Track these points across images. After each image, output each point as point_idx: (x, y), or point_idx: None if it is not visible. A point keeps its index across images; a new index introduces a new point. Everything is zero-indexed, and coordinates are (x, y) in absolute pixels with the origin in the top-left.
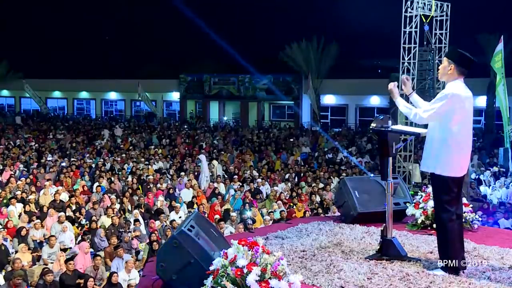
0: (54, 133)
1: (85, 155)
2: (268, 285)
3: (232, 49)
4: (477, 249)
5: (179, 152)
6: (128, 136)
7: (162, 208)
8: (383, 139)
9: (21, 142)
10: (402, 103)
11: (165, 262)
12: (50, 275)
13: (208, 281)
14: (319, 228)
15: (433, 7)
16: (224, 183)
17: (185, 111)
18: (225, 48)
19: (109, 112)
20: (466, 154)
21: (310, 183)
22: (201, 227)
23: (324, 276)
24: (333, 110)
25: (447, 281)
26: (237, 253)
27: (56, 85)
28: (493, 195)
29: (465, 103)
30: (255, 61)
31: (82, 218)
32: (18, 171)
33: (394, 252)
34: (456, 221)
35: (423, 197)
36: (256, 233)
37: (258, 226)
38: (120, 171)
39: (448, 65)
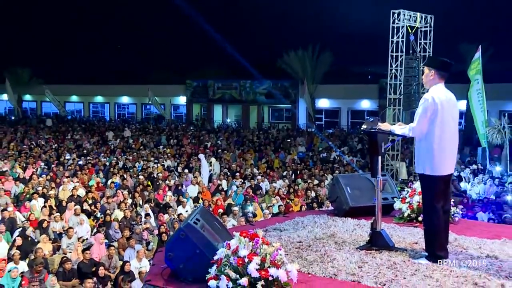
0: (71, 134)
1: (100, 154)
2: (267, 273)
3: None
4: (458, 239)
5: (186, 152)
6: (139, 137)
7: (170, 202)
8: (373, 140)
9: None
10: (397, 128)
11: (173, 252)
12: (69, 263)
13: (213, 269)
14: (314, 221)
15: (418, 19)
16: (227, 180)
17: (191, 114)
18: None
19: (121, 114)
20: (451, 154)
21: (306, 180)
22: (206, 220)
23: (318, 265)
24: (327, 113)
25: (431, 269)
26: (239, 244)
27: (73, 90)
28: (472, 190)
29: (444, 105)
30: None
31: (97, 211)
32: (39, 168)
33: (382, 243)
34: (442, 216)
35: (409, 193)
36: (256, 226)
37: (258, 219)
38: (131, 169)
39: (429, 72)
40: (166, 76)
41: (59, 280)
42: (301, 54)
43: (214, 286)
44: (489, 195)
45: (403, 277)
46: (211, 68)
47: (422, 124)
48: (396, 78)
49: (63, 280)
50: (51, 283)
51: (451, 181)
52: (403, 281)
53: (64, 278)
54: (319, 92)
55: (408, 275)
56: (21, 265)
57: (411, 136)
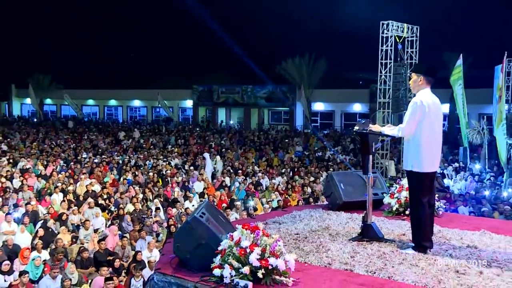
0: (88, 134)
1: (113, 153)
2: (267, 263)
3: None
4: (441, 231)
5: (192, 151)
6: (149, 137)
7: (178, 197)
8: (364, 140)
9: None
10: (387, 129)
11: (181, 243)
12: (86, 253)
13: (217, 259)
14: (310, 215)
15: (405, 30)
16: (230, 177)
17: (197, 116)
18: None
19: (133, 117)
20: (436, 153)
21: (302, 176)
22: (211, 214)
23: (314, 255)
24: (322, 115)
25: (417, 258)
26: (241, 235)
27: (89, 94)
28: (454, 186)
29: (431, 108)
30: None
31: (111, 205)
32: (59, 166)
33: (373, 234)
34: (428, 209)
35: (397, 189)
36: (257, 219)
37: (259, 213)
38: (142, 167)
39: (418, 78)
40: (174, 82)
41: (77, 268)
42: (298, 61)
43: (219, 274)
44: (469, 190)
45: (391, 266)
46: (216, 74)
47: (411, 125)
48: (385, 83)
49: (81, 268)
50: (70, 271)
51: (435, 178)
52: (391, 269)
53: (81, 266)
54: (315, 96)
55: (396, 264)
56: (43, 254)
57: (400, 136)
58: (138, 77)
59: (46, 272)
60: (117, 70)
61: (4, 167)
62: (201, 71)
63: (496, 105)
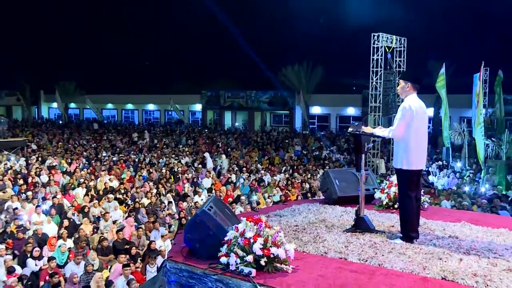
0: (107, 135)
1: (130, 152)
2: (269, 252)
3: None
4: (427, 223)
5: (201, 150)
6: (162, 138)
7: (188, 192)
8: (357, 140)
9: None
10: (378, 130)
11: (191, 234)
12: (106, 242)
13: (223, 248)
14: (308, 208)
15: (394, 41)
16: (235, 174)
17: (205, 119)
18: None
19: (148, 119)
20: (422, 152)
21: (301, 174)
22: (218, 207)
23: (312, 244)
24: (319, 118)
25: (404, 247)
26: (246, 227)
27: (109, 99)
28: (438, 182)
29: (419, 112)
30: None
31: (128, 199)
32: (81, 164)
33: (365, 226)
34: (414, 203)
35: (387, 184)
36: (260, 212)
37: (261, 207)
38: (156, 164)
39: (405, 84)
40: (185, 87)
41: (98, 255)
42: (297, 69)
43: (225, 262)
44: (451, 186)
45: (381, 254)
46: (222, 80)
47: (401, 127)
48: (376, 89)
49: (101, 255)
50: (92, 257)
51: (421, 175)
52: (381, 257)
53: (102, 254)
54: (312, 100)
55: (386, 252)
56: (68, 242)
57: (390, 137)
58: (152, 83)
59: (70, 258)
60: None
61: (33, 164)
62: (209, 78)
63: (475, 110)
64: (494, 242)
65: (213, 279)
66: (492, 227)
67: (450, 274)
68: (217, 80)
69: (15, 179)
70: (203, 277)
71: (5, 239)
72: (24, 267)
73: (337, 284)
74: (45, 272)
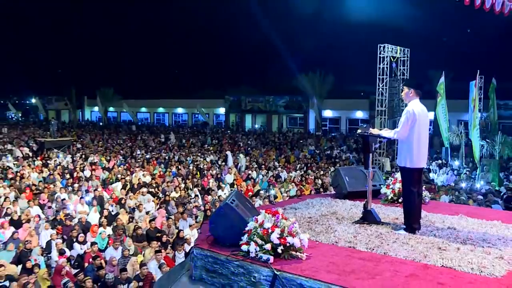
0: (141, 136)
1: (161, 150)
2: (285, 241)
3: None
4: (427, 216)
5: (224, 149)
6: (190, 138)
7: (213, 187)
8: (365, 141)
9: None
10: (384, 132)
11: (215, 224)
12: (140, 230)
13: (244, 237)
14: (321, 202)
15: (398, 51)
16: (255, 171)
17: (228, 121)
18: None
19: (177, 121)
20: (424, 152)
21: (314, 171)
22: (239, 201)
23: (324, 235)
24: (330, 121)
25: (407, 238)
26: (264, 218)
27: (142, 103)
28: (438, 179)
29: (421, 116)
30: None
31: (159, 193)
32: (119, 161)
33: (372, 218)
34: (417, 198)
35: (392, 181)
36: (277, 205)
37: (278, 201)
38: (184, 162)
39: (409, 90)
40: (210, 93)
41: (133, 242)
42: (311, 76)
43: (246, 249)
44: (450, 182)
45: (387, 244)
46: (244, 87)
47: (405, 129)
48: (382, 95)
49: (136, 242)
50: (128, 243)
51: (423, 172)
52: (387, 247)
53: (136, 240)
54: (325, 104)
55: (390, 242)
56: (107, 229)
57: (395, 138)
58: (181, 89)
59: (110, 244)
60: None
61: (78, 161)
62: (232, 85)
63: (471, 113)
64: (488, 233)
65: (235, 265)
66: (486, 220)
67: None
68: (239, 86)
69: (63, 174)
70: (226, 263)
71: (55, 225)
72: (71, 249)
73: (346, 270)
74: (89, 255)
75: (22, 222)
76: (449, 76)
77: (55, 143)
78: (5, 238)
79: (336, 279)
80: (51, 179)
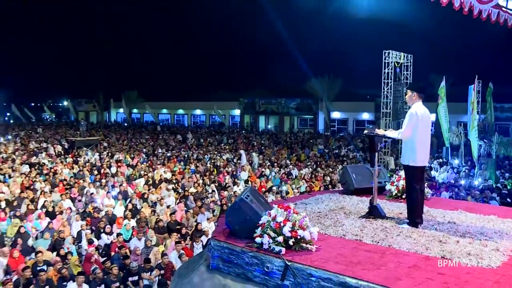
0: (162, 135)
1: (181, 149)
2: (297, 234)
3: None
4: (429, 211)
5: (239, 148)
6: (207, 137)
7: (229, 183)
8: (371, 140)
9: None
10: (389, 132)
11: (231, 218)
12: (161, 222)
13: (258, 230)
14: (330, 198)
15: (402, 57)
16: (268, 168)
17: (243, 122)
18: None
19: (195, 122)
20: (426, 151)
21: (323, 168)
22: (253, 196)
23: (332, 228)
24: (338, 122)
25: (410, 231)
26: (277, 213)
27: (163, 105)
28: (439, 177)
29: (423, 117)
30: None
31: (179, 188)
32: (142, 158)
33: (377, 213)
34: (419, 194)
35: (396, 178)
36: (289, 201)
37: (290, 196)
38: (202, 159)
39: (412, 94)
40: (226, 96)
41: (155, 233)
42: (320, 80)
43: (259, 241)
44: (450, 180)
45: (391, 237)
46: (257, 90)
47: (408, 130)
48: (387, 97)
49: (157, 233)
50: (150, 235)
51: (425, 170)
52: (391, 239)
53: (158, 232)
54: (333, 107)
55: (394, 235)
56: (132, 221)
57: (399, 138)
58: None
59: (134, 235)
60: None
61: (105, 159)
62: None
63: (470, 115)
64: (485, 227)
65: (249, 255)
66: (484, 215)
67: (448, 253)
68: (253, 89)
69: (91, 170)
70: (241, 254)
71: (85, 217)
72: (99, 239)
73: (353, 261)
74: (115, 245)
75: (55, 214)
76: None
77: (84, 142)
78: (42, 227)
79: (344, 269)
80: (81, 175)
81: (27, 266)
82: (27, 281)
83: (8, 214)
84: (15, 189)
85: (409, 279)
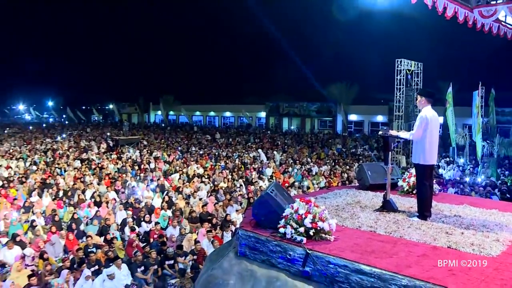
0: (196, 135)
1: (212, 147)
2: (317, 225)
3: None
4: (437, 205)
5: (265, 147)
6: (236, 137)
7: (255, 179)
8: (385, 141)
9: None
10: (401, 133)
11: (257, 210)
12: (194, 213)
13: (282, 221)
14: (347, 193)
15: (413, 65)
16: (291, 165)
17: (268, 123)
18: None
19: (225, 123)
20: (435, 151)
21: (341, 166)
22: (278, 191)
23: (349, 220)
24: (355, 123)
25: (420, 223)
26: (299, 206)
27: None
28: (446, 174)
29: (432, 120)
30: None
31: (210, 183)
32: (177, 155)
33: (390, 207)
34: (428, 190)
35: (407, 175)
36: (310, 195)
37: (310, 191)
38: (231, 157)
39: (422, 99)
40: (253, 99)
41: (189, 223)
42: (339, 86)
43: (283, 232)
44: (456, 177)
45: (402, 229)
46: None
47: (419, 132)
48: (399, 102)
49: (191, 223)
50: (184, 224)
51: (433, 168)
52: (402, 231)
53: (191, 221)
54: (350, 110)
55: (405, 227)
56: (168, 212)
57: (411, 139)
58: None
59: (170, 223)
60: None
61: (144, 155)
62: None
63: (475, 118)
64: (487, 220)
65: (273, 244)
66: (486, 209)
67: (454, 244)
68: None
69: (133, 166)
70: (266, 242)
71: (127, 207)
72: (140, 227)
73: (367, 250)
74: (153, 233)
75: (102, 203)
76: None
77: (127, 140)
78: (91, 215)
79: (359, 257)
80: (124, 170)
81: (80, 248)
82: (80, 260)
83: (65, 203)
84: (69, 181)
85: (418, 267)
